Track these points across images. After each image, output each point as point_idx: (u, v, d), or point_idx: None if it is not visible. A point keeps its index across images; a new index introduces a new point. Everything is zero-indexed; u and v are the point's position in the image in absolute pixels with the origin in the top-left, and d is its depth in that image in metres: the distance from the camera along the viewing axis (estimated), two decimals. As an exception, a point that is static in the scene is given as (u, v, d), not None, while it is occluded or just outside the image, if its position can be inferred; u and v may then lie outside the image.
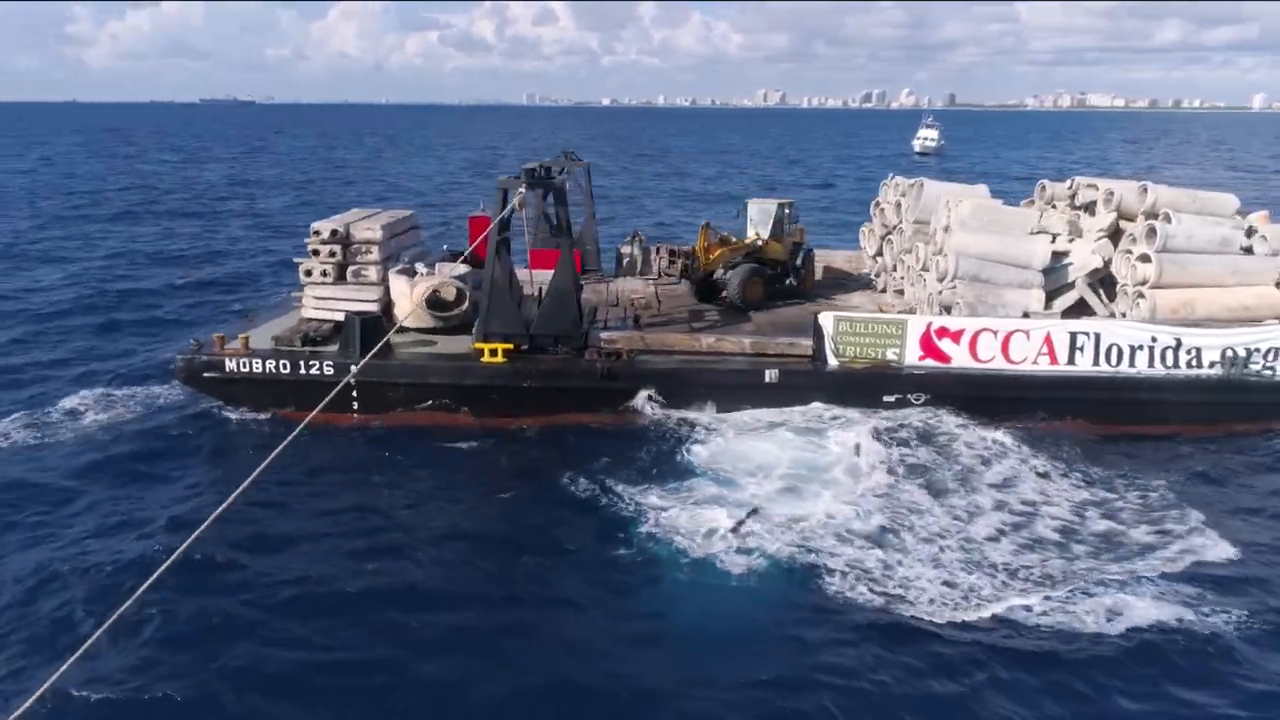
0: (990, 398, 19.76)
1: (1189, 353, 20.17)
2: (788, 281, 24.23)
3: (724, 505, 15.40)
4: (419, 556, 14.01)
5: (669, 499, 15.71)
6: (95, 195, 63.61)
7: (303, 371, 19.10)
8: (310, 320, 21.17)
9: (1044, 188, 26.16)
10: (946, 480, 16.75)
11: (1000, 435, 18.72)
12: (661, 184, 79.18)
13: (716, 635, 12.16)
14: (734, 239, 23.88)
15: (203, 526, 9.53)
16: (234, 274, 36.33)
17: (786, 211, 24.39)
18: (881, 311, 22.25)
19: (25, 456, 17.41)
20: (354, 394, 19.25)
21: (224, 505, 9.71)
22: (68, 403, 19.85)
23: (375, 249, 21.67)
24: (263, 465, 10.45)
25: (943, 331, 20.11)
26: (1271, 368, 20.25)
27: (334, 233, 21.46)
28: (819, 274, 26.29)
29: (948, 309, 21.29)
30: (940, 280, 21.49)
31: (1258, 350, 20.18)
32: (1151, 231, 21.29)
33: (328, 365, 19.13)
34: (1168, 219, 21.40)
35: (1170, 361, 20.15)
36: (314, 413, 12.71)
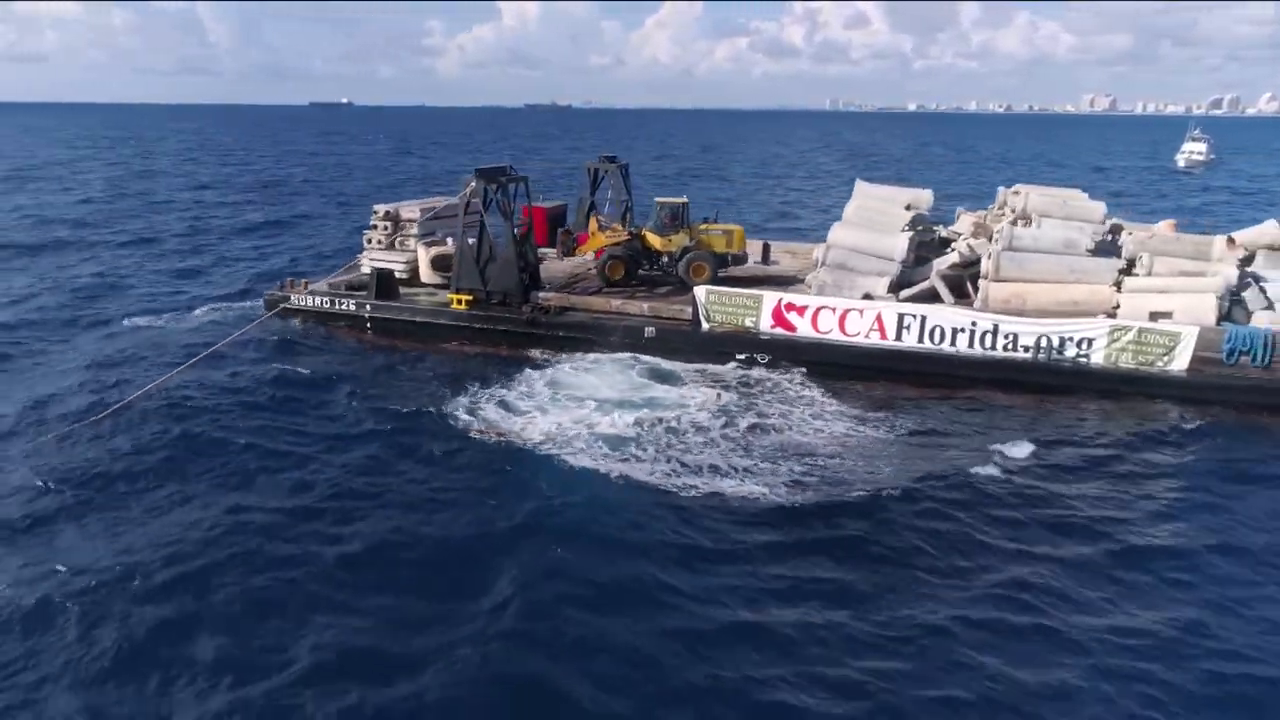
0: (823, 362, 24.32)
1: (1006, 337, 23.34)
2: (651, 268, 28.89)
3: (563, 413, 21.60)
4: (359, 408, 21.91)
5: (529, 404, 22.20)
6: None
7: (336, 307, 28.13)
8: (362, 273, 30.17)
9: (1001, 193, 29.21)
10: (744, 412, 21.72)
11: (813, 390, 23.32)
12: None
13: (532, 487, 17.58)
14: (619, 229, 29.26)
15: (197, 357, 18.09)
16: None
17: (673, 210, 28.71)
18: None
19: (162, 334, 27.87)
20: (368, 323, 27.96)
21: (216, 345, 18.22)
22: (199, 309, 30.88)
23: (414, 226, 30.26)
24: (235, 335, 18.90)
25: (790, 306, 24.94)
26: (1086, 355, 22.87)
27: (387, 213, 30.36)
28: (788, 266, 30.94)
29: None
30: (815, 266, 26.10)
31: (1070, 339, 22.89)
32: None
33: (352, 303, 27.99)
34: (1027, 222, 24.40)
35: (988, 344, 23.45)
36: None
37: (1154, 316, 22.56)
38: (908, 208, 27.04)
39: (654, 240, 28.52)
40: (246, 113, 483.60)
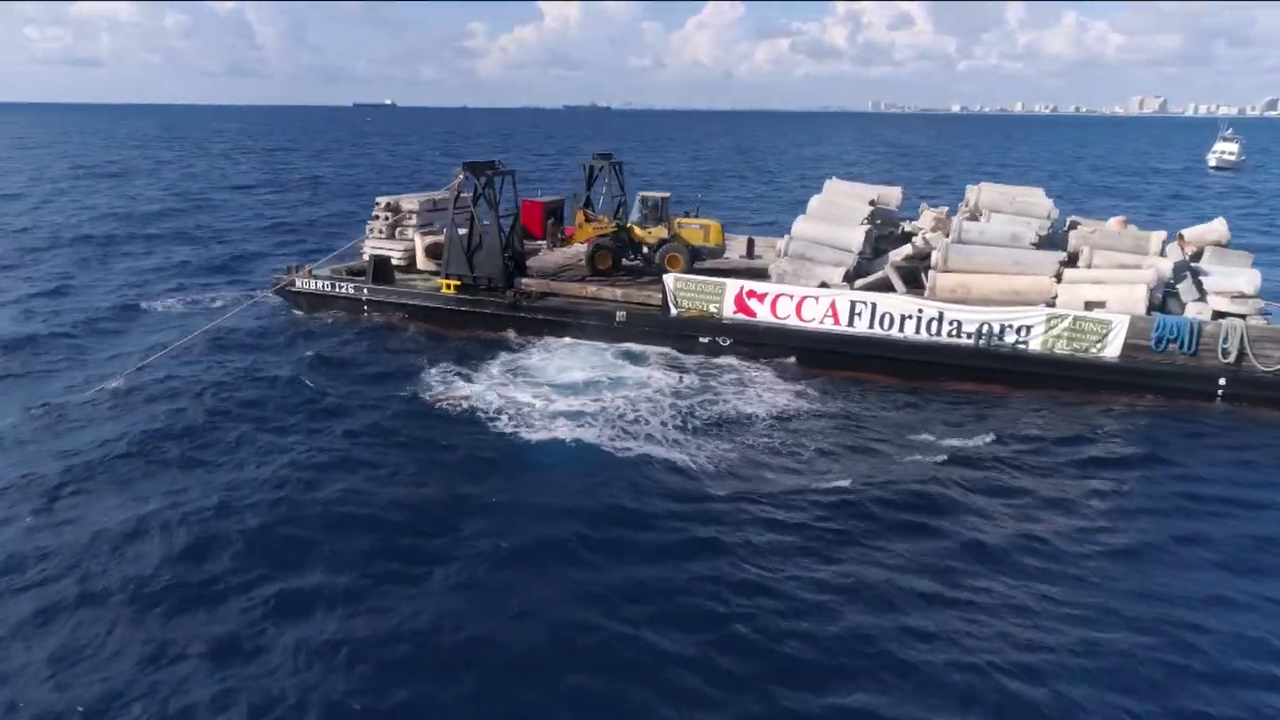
0: (781, 345, 25.91)
1: (950, 324, 24.74)
2: (634, 258, 30.71)
3: (532, 388, 23.47)
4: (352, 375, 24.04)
5: (500, 380, 24.11)
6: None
7: (336, 290, 30.29)
8: (364, 259, 32.29)
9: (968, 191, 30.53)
10: (698, 392, 23.40)
11: (767, 371, 24.97)
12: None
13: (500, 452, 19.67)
14: (605, 221, 31.12)
15: (199, 330, 20.25)
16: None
17: (654, 204, 30.56)
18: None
19: (181, 315, 30.24)
20: (364, 305, 30.09)
21: (217, 321, 20.38)
22: (218, 292, 33.08)
23: (414, 216, 32.35)
24: (234, 311, 21.04)
25: (751, 293, 26.56)
26: (1025, 342, 24.19)
27: (388, 204, 32.48)
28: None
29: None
30: (778, 255, 27.68)
31: (1010, 326, 24.23)
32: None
33: (351, 287, 30.13)
34: (978, 216, 25.77)
35: (934, 330, 24.86)
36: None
37: (1089, 306, 23.79)
38: (872, 203, 28.49)
39: (637, 233, 30.31)
40: (293, 114, 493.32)
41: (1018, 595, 13.93)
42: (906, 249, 26.56)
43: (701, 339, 26.70)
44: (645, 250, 30.75)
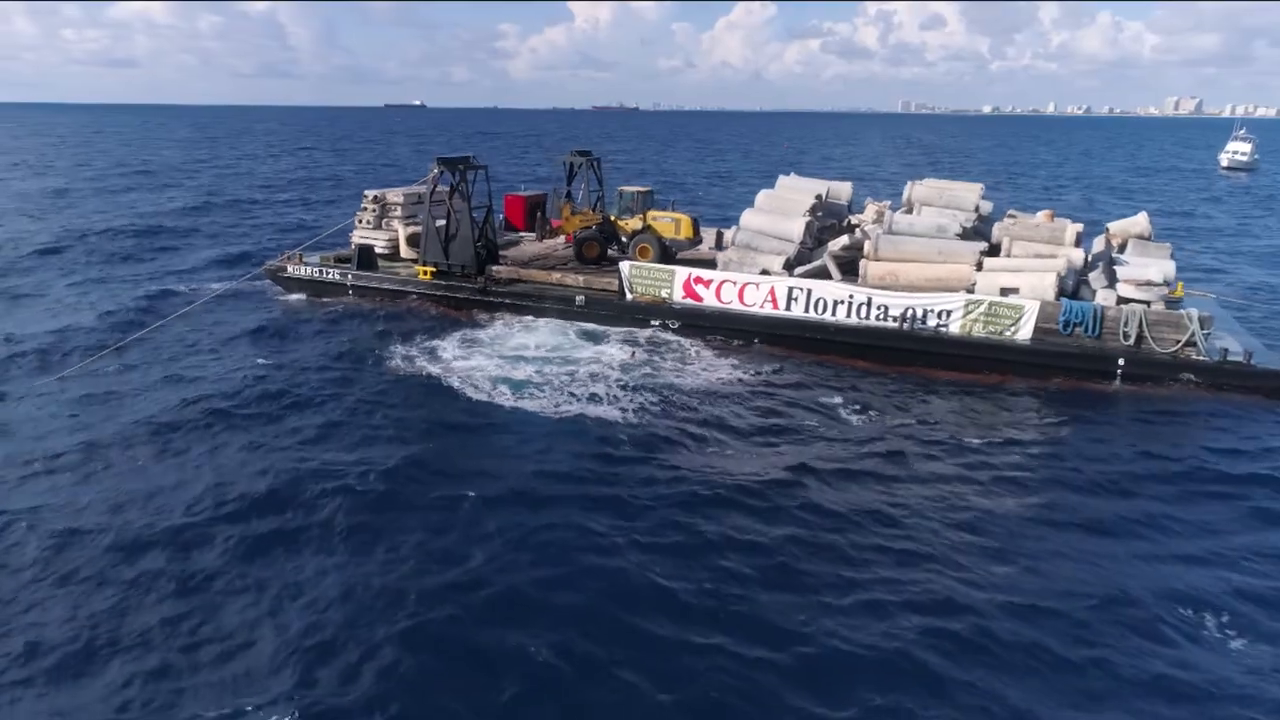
0: (723, 327, 28.02)
1: (878, 309, 26.69)
2: (616, 248, 32.85)
3: (492, 360, 25.81)
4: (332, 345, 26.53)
5: (462, 353, 26.48)
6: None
7: (324, 276, 32.84)
8: (352, 248, 34.77)
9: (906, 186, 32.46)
10: (642, 365, 25.59)
11: (709, 350, 27.07)
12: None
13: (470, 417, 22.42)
14: (590, 213, 33.38)
15: (191, 305, 22.79)
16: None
17: (633, 198, 32.76)
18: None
19: (185, 296, 32.96)
20: (349, 289, 32.60)
21: (198, 300, 22.94)
22: (216, 279, 35.71)
23: (399, 209, 34.82)
24: (224, 287, 23.58)
25: (699, 280, 28.68)
26: (945, 325, 26.08)
27: (375, 198, 34.98)
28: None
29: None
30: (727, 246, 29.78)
31: (932, 311, 26.14)
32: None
33: (337, 273, 32.65)
34: (911, 209, 27.69)
35: (863, 314, 26.82)
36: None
37: (1004, 292, 25.62)
38: (819, 198, 30.49)
39: (620, 225, 32.55)
40: (324, 115, 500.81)
41: (914, 547, 15.40)
42: (844, 239, 28.52)
43: (653, 322, 28.86)
44: (625, 241, 32.99)
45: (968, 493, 17.83)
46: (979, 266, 26.50)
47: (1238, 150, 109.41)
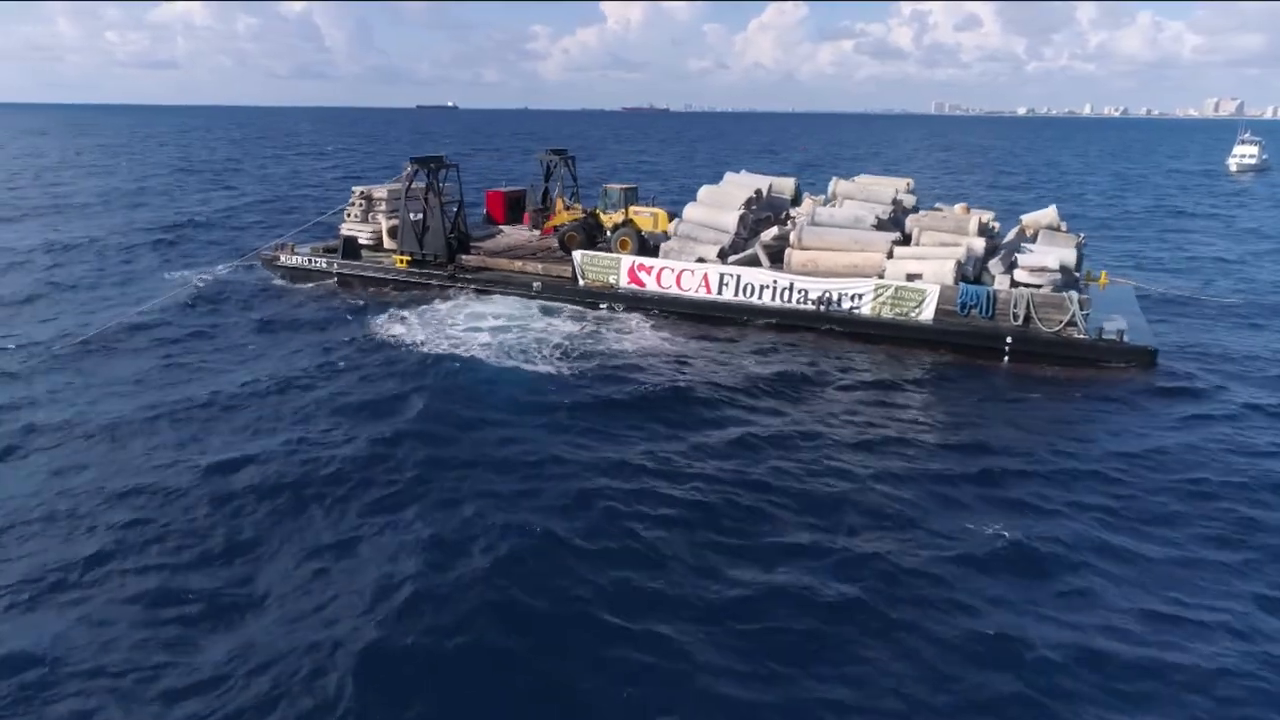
0: (664, 310, 30.92)
1: (799, 293, 29.42)
2: (601, 241, 35.78)
3: (454, 329, 28.99)
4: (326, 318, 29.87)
5: (431, 325, 29.66)
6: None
7: (311, 264, 36.23)
8: (340, 239, 38.10)
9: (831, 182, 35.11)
10: (587, 337, 28.56)
11: (645, 326, 29.96)
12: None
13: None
14: (578, 208, 36.45)
15: (183, 287, 26.20)
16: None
17: (618, 195, 36.03)
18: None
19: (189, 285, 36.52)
20: (334, 277, 35.96)
21: (181, 290, 26.32)
22: (221, 266, 39.34)
23: (383, 203, 38.11)
24: (219, 270, 26.99)
25: (641, 267, 31.60)
26: (858, 307, 28.72)
27: (362, 193, 38.30)
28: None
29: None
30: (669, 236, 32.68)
31: (846, 294, 28.81)
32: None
33: (324, 262, 36.01)
34: (835, 202, 30.36)
35: (785, 298, 29.57)
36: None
37: (910, 277, 28.22)
38: (758, 192, 33.27)
39: (603, 218, 35.60)
40: (358, 116, 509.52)
41: (802, 498, 17.65)
42: (774, 230, 31.27)
43: (602, 304, 31.83)
44: (609, 233, 35.95)
45: (851, 453, 19.97)
46: (890, 254, 29.10)
47: (1245, 153, 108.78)
